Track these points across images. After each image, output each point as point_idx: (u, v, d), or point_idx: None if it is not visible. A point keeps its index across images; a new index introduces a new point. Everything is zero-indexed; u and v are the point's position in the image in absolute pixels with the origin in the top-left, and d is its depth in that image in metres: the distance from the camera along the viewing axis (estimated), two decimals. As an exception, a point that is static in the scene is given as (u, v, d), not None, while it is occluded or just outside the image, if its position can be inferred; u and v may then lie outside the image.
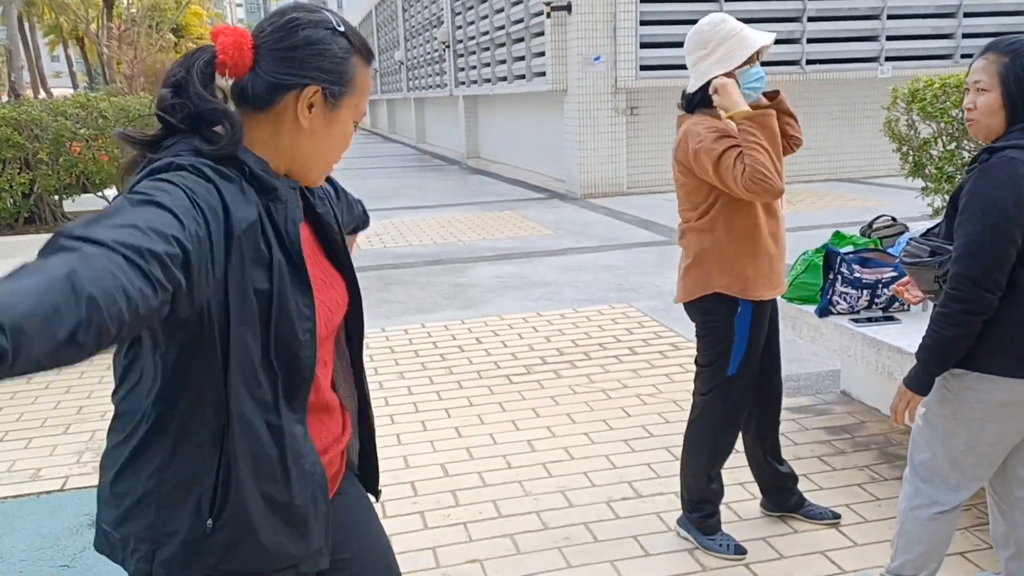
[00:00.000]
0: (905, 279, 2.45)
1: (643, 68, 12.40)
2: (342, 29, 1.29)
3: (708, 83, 2.48)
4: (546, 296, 6.57)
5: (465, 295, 6.71)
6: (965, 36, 13.28)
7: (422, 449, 3.70)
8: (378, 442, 1.69)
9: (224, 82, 1.28)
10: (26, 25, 24.61)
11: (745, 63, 2.47)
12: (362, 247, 8.96)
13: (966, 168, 2.08)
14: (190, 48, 1.43)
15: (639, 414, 4.01)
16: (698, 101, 2.56)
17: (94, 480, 3.43)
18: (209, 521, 1.24)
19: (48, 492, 3.41)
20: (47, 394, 4.54)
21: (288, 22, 1.26)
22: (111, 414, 1.37)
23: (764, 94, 2.59)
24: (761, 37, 2.48)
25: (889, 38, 13.20)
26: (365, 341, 1.59)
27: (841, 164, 13.72)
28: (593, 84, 12.43)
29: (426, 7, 23.64)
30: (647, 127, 13.11)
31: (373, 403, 3.91)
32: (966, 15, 13.27)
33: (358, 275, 1.49)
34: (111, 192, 6.17)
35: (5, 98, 7.87)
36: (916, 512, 2.23)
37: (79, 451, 3.80)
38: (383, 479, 3.38)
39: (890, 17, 13.11)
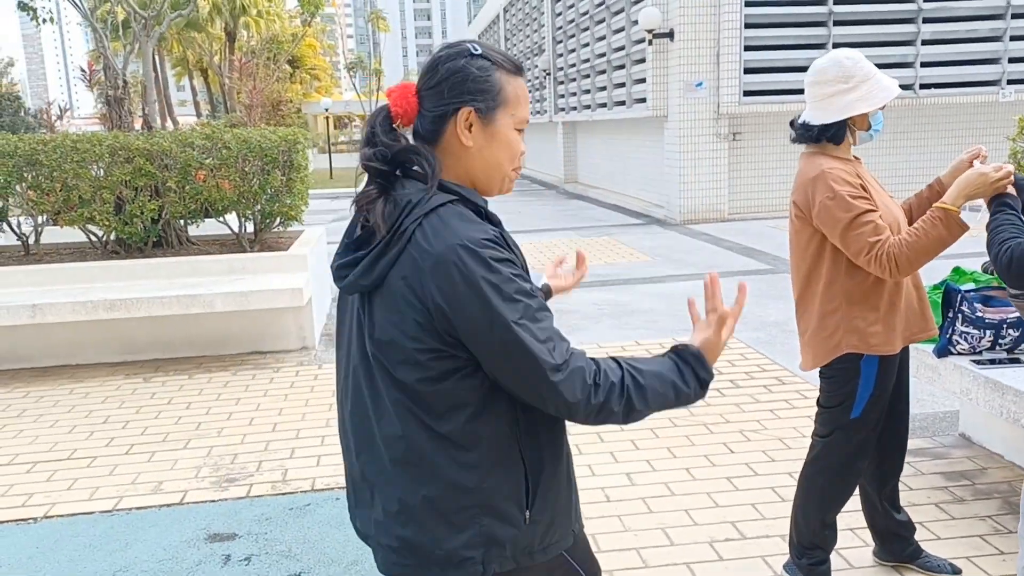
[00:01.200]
0: None
1: (746, 94, 12.21)
2: (479, 52, 1.44)
3: (846, 119, 2.45)
4: (644, 324, 6.52)
5: (562, 321, 6.72)
6: (1098, 56, 12.48)
7: None
8: None
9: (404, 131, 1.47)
10: (157, 60, 26.41)
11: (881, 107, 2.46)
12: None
13: None
14: (304, 78, 1.61)
15: (743, 451, 3.92)
16: (831, 135, 2.49)
17: (212, 495, 3.62)
18: (527, 512, 1.44)
19: (168, 505, 3.61)
20: (169, 410, 4.81)
21: (432, 62, 1.45)
22: (227, 430, 1.48)
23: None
24: (895, 85, 2.46)
25: (1011, 60, 12.56)
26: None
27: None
28: (695, 110, 12.32)
29: (528, 36, 24.03)
30: (750, 153, 12.88)
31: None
32: (1099, 34, 12.49)
33: None
34: (231, 218, 6.51)
35: (138, 127, 8.44)
36: None
37: (197, 466, 4.00)
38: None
39: (1013, 39, 12.49)
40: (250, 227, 6.65)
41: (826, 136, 2.48)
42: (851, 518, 3.03)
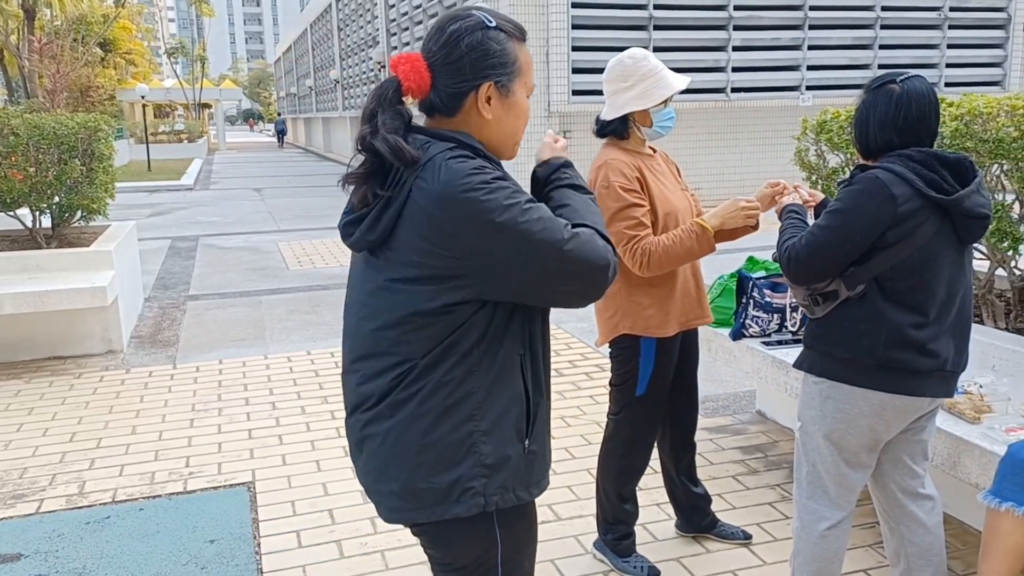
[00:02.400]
0: None
1: (575, 93, 12.61)
2: (494, 23, 1.44)
3: (626, 115, 2.57)
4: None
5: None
6: (881, 67, 13.88)
7: (343, 476, 3.65)
8: (297, 471, 1.71)
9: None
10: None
11: (661, 103, 2.56)
12: (291, 268, 8.84)
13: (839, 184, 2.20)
14: (119, 63, 1.48)
15: (562, 436, 4.04)
16: (612, 130, 2.63)
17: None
18: (527, 441, 1.47)
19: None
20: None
21: (450, 36, 1.42)
22: (16, 443, 1.34)
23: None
24: (679, 81, 2.58)
25: (810, 68, 13.72)
26: (289, 367, 1.64)
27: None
28: (526, 107, 12.56)
29: (361, 27, 23.60)
30: (580, 150, 13.25)
31: (294, 432, 3.85)
32: (881, 47, 13.89)
33: (284, 296, 1.51)
34: (24, 212, 5.94)
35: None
36: (806, 530, 2.30)
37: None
38: (300, 507, 3.33)
39: (811, 48, 13.64)
40: (47, 221, 6.10)
41: (609, 131, 2.63)
42: (656, 494, 3.20)
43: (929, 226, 2.01)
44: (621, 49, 2.71)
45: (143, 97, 32.01)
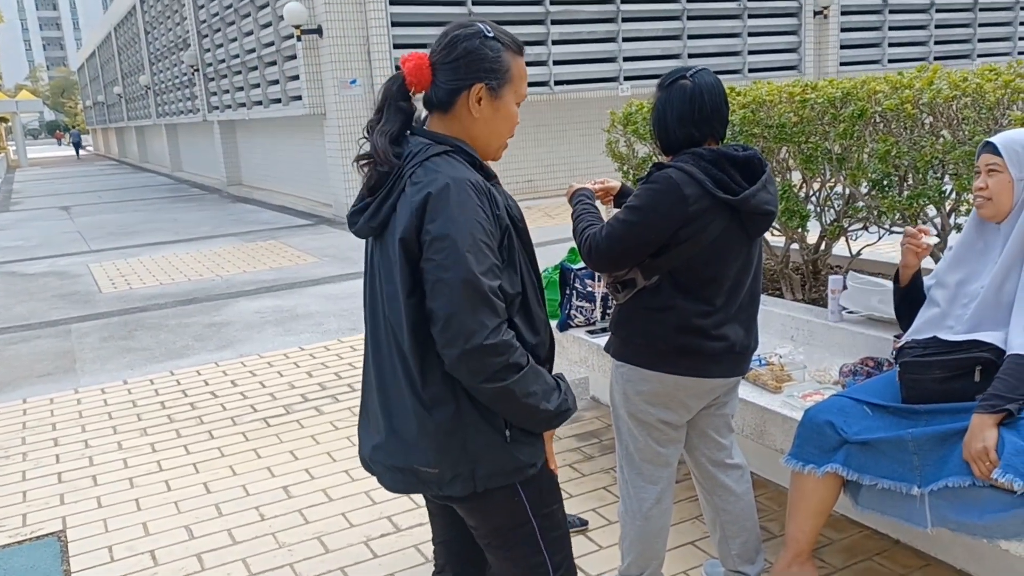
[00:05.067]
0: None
1: (400, 90, 12.46)
2: (492, 34, 1.63)
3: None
4: (309, 329, 6.37)
5: (221, 335, 6.33)
6: (690, 56, 14.67)
7: (165, 512, 3.41)
8: (114, 512, 1.59)
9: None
10: None
11: None
12: (104, 291, 8.23)
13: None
14: None
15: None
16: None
17: None
18: (507, 432, 1.60)
19: None
20: None
21: (450, 40, 1.63)
22: None
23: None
24: None
25: (626, 59, 14.28)
26: (104, 399, 1.52)
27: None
28: (352, 107, 12.32)
29: (170, 29, 22.29)
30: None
31: (110, 471, 3.53)
32: (689, 37, 14.68)
33: (96, 323, 1.41)
34: None
35: None
36: (629, 512, 2.39)
37: None
38: (118, 552, 3.08)
39: (626, 40, 14.20)
40: None
41: None
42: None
43: (718, 224, 2.12)
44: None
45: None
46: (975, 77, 2.97)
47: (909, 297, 2.53)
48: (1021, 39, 18.17)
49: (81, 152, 47.02)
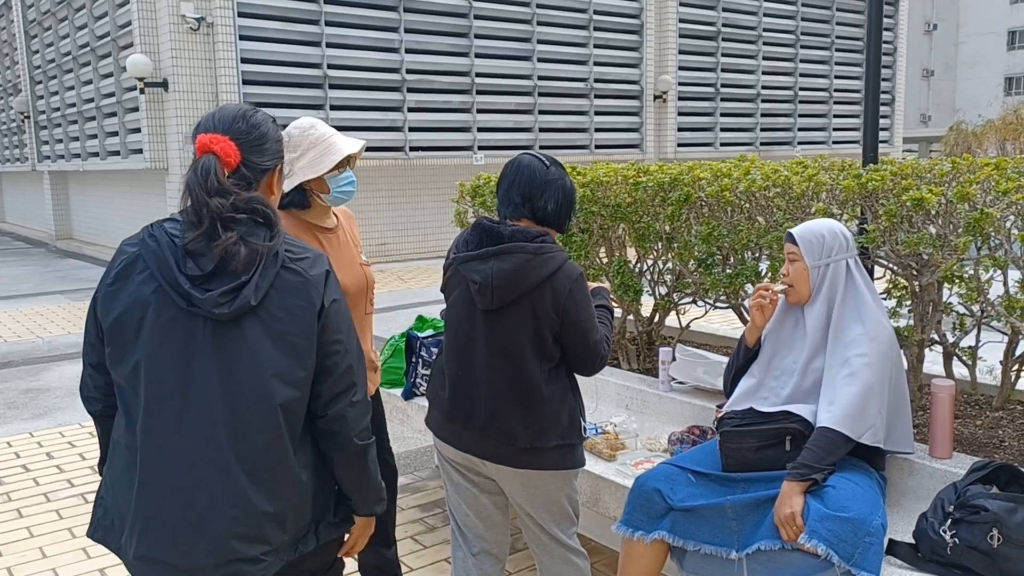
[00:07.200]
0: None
1: (251, 149, 12.19)
2: (273, 119, 1.83)
3: (300, 185, 2.46)
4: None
5: (38, 402, 5.83)
6: (541, 130, 15.29)
7: (76, 558, 3.07)
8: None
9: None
10: None
11: (335, 168, 2.50)
12: (-100, 353, 7.41)
13: None
14: None
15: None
16: (291, 201, 2.50)
17: None
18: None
19: None
20: None
21: (254, 123, 1.76)
22: None
23: None
24: (350, 145, 2.50)
25: (480, 129, 14.69)
26: None
27: (447, 244, 14.80)
28: (197, 164, 11.90)
29: (0, 73, 20.86)
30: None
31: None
32: (540, 112, 15.31)
33: None
34: None
35: None
36: (453, 560, 2.42)
37: None
38: None
39: (480, 111, 14.63)
40: None
41: (287, 203, 2.48)
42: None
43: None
44: (297, 107, 2.64)
45: None
46: (785, 170, 3.29)
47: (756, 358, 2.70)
48: (835, 129, 20.24)
49: None
